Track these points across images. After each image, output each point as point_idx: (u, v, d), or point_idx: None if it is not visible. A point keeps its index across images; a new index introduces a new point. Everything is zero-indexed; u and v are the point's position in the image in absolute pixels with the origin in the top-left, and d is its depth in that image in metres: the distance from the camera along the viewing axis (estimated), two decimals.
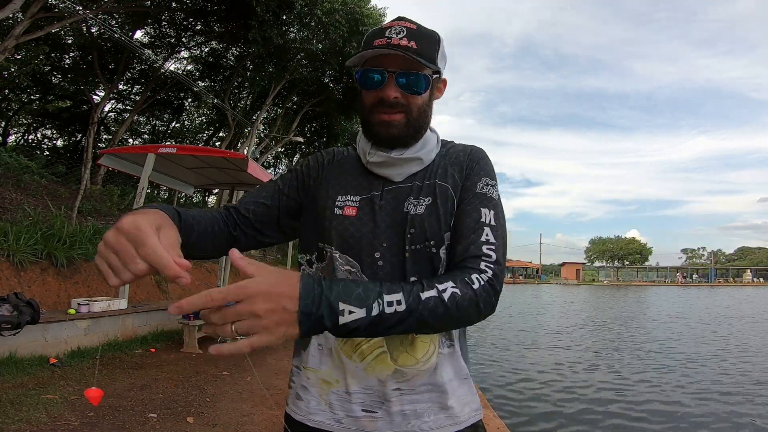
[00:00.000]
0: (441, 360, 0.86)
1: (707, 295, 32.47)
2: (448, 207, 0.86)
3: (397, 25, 0.85)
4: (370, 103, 0.87)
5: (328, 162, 0.98)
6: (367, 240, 0.85)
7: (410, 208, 0.86)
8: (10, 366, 4.07)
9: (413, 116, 0.87)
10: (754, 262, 70.14)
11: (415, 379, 0.85)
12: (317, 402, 0.88)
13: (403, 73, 0.83)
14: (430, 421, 0.85)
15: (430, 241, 0.84)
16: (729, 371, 7.12)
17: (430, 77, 0.86)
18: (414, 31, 0.85)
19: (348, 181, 0.92)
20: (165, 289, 8.63)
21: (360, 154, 0.94)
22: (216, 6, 12.63)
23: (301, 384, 0.91)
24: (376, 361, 0.84)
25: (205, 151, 7.43)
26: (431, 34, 0.87)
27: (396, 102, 0.85)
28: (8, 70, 10.32)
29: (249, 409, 3.68)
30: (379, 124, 0.87)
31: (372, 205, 0.88)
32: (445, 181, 0.88)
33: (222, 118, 18.35)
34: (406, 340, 0.84)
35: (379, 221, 0.86)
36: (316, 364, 0.89)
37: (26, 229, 6.14)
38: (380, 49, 0.83)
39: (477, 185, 0.88)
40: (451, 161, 0.92)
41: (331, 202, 0.90)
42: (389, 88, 0.84)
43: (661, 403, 5.45)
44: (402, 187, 0.89)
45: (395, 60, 0.83)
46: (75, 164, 12.07)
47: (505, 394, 5.78)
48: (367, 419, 0.84)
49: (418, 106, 0.87)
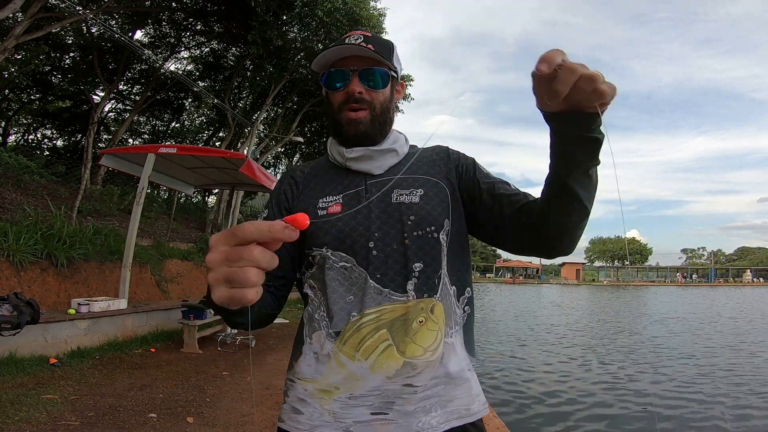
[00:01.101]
0: (447, 350, 0.87)
1: (706, 294, 32.47)
2: (442, 196, 0.91)
3: (355, 34, 0.94)
4: (337, 102, 0.93)
5: (301, 177, 1.00)
6: (358, 232, 0.87)
7: (402, 198, 0.90)
8: (10, 366, 4.07)
9: (377, 111, 0.93)
10: (754, 262, 70.09)
11: (424, 373, 0.84)
12: (320, 413, 0.85)
13: (365, 70, 0.91)
14: (442, 415, 0.85)
15: (431, 227, 0.88)
16: (740, 373, 7.12)
17: (388, 74, 0.93)
18: (369, 37, 0.94)
19: (326, 184, 0.96)
20: (165, 289, 8.63)
21: (335, 155, 0.98)
22: (216, 6, 12.64)
23: (297, 397, 0.89)
24: (383, 356, 0.82)
25: (205, 151, 7.44)
26: (386, 41, 0.97)
27: (360, 97, 0.91)
28: (8, 70, 10.32)
29: (249, 409, 3.68)
30: (348, 123, 0.92)
31: (358, 198, 0.91)
32: (433, 176, 0.94)
33: (222, 118, 18.35)
34: (411, 330, 0.83)
35: (368, 212, 0.88)
36: (312, 373, 0.87)
37: (26, 229, 6.14)
38: (342, 48, 0.91)
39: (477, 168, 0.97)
40: (433, 158, 0.98)
41: (312, 207, 0.92)
42: (353, 84, 0.91)
43: (661, 402, 5.45)
44: (384, 179, 0.93)
45: (356, 60, 0.91)
46: (75, 164, 12.06)
47: (505, 395, 5.77)
48: (378, 422, 0.82)
49: (380, 102, 0.93)
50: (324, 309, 0.87)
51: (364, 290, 0.85)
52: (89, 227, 7.68)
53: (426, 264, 0.87)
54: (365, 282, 0.85)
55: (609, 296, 30.00)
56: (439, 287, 0.87)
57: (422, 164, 0.96)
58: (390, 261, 0.86)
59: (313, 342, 0.88)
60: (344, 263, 0.86)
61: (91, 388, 3.90)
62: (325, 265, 0.87)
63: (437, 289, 0.87)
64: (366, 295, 0.84)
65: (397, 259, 0.86)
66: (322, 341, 0.86)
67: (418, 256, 0.86)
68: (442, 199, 0.91)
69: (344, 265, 0.86)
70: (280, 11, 11.55)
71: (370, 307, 0.84)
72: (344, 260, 0.87)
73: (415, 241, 0.86)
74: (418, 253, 0.86)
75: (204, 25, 14.18)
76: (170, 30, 14.51)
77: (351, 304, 0.85)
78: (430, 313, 0.85)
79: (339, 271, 0.87)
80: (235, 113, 15.98)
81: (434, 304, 0.86)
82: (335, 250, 0.87)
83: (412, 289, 0.85)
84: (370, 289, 0.85)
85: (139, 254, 7.82)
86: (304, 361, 0.89)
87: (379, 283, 0.85)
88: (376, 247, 0.86)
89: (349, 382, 0.83)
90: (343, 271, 0.86)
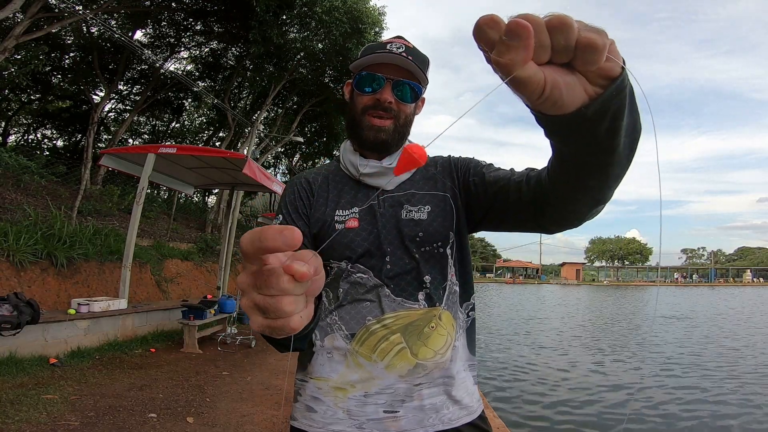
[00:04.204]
0: (454, 353, 0.92)
1: (707, 294, 32.47)
2: (448, 211, 0.95)
3: (397, 42, 0.94)
4: (363, 105, 0.94)
5: (315, 184, 1.00)
6: (375, 246, 0.91)
7: (411, 214, 0.93)
8: (10, 366, 4.07)
9: (400, 123, 0.95)
10: (754, 262, 70.08)
11: (432, 373, 0.89)
12: (333, 411, 0.89)
13: (399, 81, 0.92)
14: (449, 413, 0.90)
15: (438, 242, 0.92)
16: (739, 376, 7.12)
17: (419, 91, 0.95)
18: (411, 49, 0.94)
19: (341, 195, 0.97)
20: (165, 289, 8.63)
21: (348, 167, 0.99)
22: (216, 6, 12.64)
23: (310, 395, 0.92)
24: (397, 358, 0.87)
25: (205, 151, 7.43)
26: (423, 55, 0.97)
27: (389, 107, 0.92)
28: (8, 70, 10.32)
29: (249, 409, 3.68)
30: (369, 128, 0.93)
31: (373, 213, 0.93)
32: (440, 191, 0.97)
33: (222, 118, 18.33)
34: (423, 334, 0.88)
35: (382, 228, 0.92)
36: (326, 372, 0.91)
37: (26, 229, 6.14)
38: (384, 55, 0.90)
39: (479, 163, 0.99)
40: (438, 171, 1.00)
41: (330, 220, 0.93)
42: (386, 92, 0.92)
43: (662, 403, 5.45)
44: (396, 195, 0.95)
45: (393, 69, 0.92)
46: (75, 164, 12.04)
47: (505, 395, 5.77)
48: (390, 420, 0.87)
49: (405, 115, 0.95)
50: (336, 314, 0.91)
51: (379, 298, 0.90)
52: (89, 227, 7.69)
53: (433, 276, 0.92)
54: (381, 291, 0.90)
55: (609, 296, 29.99)
56: (444, 296, 0.93)
57: (429, 178, 0.99)
58: (402, 273, 0.91)
59: (325, 344, 0.92)
60: (361, 274, 0.91)
61: (91, 388, 3.90)
62: (342, 275, 0.92)
63: (443, 299, 0.93)
64: (382, 302, 0.90)
65: (410, 272, 0.91)
66: (337, 343, 0.90)
67: (427, 269, 0.91)
68: (449, 213, 0.94)
69: (361, 276, 0.91)
70: (279, 11, 11.55)
71: (387, 313, 0.89)
72: (362, 272, 0.91)
73: (424, 256, 0.92)
74: (426, 266, 0.91)
75: (204, 25, 14.17)
76: (170, 30, 14.50)
77: (367, 309, 0.90)
78: (439, 320, 0.91)
79: (356, 280, 0.91)
80: (235, 113, 15.97)
81: (442, 312, 0.92)
82: (354, 263, 0.91)
83: (423, 298, 0.91)
84: (385, 298, 0.90)
85: (139, 254, 7.83)
86: (317, 360, 0.92)
87: (393, 293, 0.90)
88: (390, 261, 0.91)
89: (365, 381, 0.88)
90: (359, 280, 0.91)
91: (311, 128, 21.50)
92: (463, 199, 0.96)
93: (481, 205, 0.93)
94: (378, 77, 0.91)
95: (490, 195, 0.90)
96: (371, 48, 0.95)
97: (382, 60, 0.91)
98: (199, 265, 10.71)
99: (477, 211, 0.95)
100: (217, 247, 11.23)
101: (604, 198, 0.66)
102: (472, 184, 0.94)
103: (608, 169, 0.57)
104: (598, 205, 0.69)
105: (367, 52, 0.94)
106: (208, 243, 11.96)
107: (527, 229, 0.90)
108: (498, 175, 0.89)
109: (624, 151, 0.54)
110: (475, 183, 0.94)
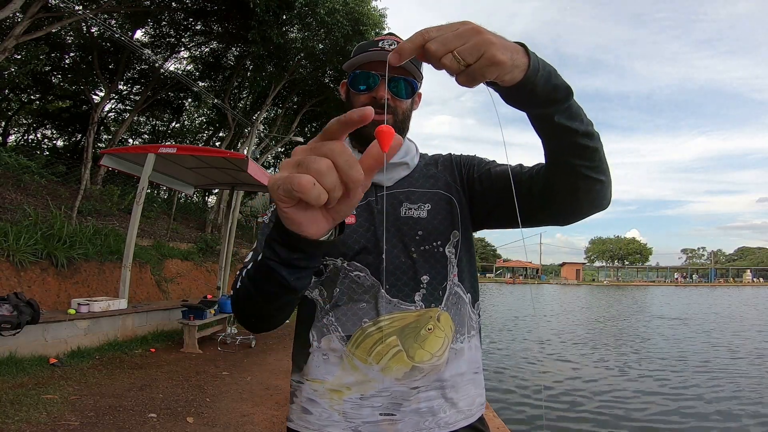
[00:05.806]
0: (452, 355, 0.90)
1: (706, 293, 32.46)
2: (449, 210, 0.94)
3: (389, 39, 0.94)
4: (360, 104, 0.92)
5: None
6: (372, 243, 0.90)
7: (411, 212, 0.92)
8: (10, 366, 4.07)
9: (398, 119, 0.94)
10: (754, 262, 70.08)
11: (429, 375, 0.88)
12: (329, 413, 0.88)
13: (393, 77, 0.91)
14: (446, 416, 0.88)
15: (437, 241, 0.91)
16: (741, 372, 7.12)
17: (415, 86, 0.94)
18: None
19: None
20: (165, 289, 8.63)
21: None
22: (216, 6, 12.63)
23: (306, 397, 0.91)
24: (393, 361, 0.86)
25: (205, 151, 7.43)
26: None
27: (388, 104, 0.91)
28: (8, 70, 10.32)
29: (249, 409, 3.68)
30: (369, 125, 0.90)
31: (370, 209, 0.92)
32: (441, 189, 0.96)
33: (222, 118, 18.33)
34: (420, 337, 0.87)
35: (380, 224, 0.90)
36: (322, 374, 0.90)
37: (26, 229, 6.14)
38: (376, 53, 0.90)
39: (483, 160, 1.00)
40: (439, 169, 1.00)
41: None
42: (381, 90, 0.90)
43: (663, 402, 5.45)
44: (395, 192, 0.94)
45: (386, 66, 0.88)
46: (75, 164, 12.04)
47: (505, 395, 5.77)
48: (387, 423, 0.86)
49: (403, 110, 0.94)
50: (333, 315, 0.90)
51: (376, 299, 0.88)
52: (89, 227, 7.69)
53: (432, 276, 0.91)
54: (377, 291, 0.89)
55: (610, 296, 29.98)
56: (443, 297, 0.91)
57: (430, 176, 0.98)
58: (399, 273, 0.89)
59: (322, 345, 0.91)
60: (358, 272, 0.90)
61: (91, 388, 3.91)
62: (339, 274, 0.90)
63: (442, 300, 0.91)
64: (378, 303, 0.88)
65: (406, 272, 0.89)
66: (333, 345, 0.89)
67: (425, 269, 0.90)
68: (450, 212, 0.93)
69: (358, 274, 0.89)
70: (279, 11, 11.54)
71: (382, 315, 0.88)
72: (358, 270, 0.90)
73: (422, 255, 0.90)
74: (424, 266, 0.90)
75: (204, 25, 14.16)
76: (170, 30, 14.49)
77: (363, 310, 0.89)
78: (437, 321, 0.89)
79: (352, 279, 0.89)
80: (235, 113, 15.97)
81: (440, 314, 0.90)
82: (351, 260, 0.90)
83: (420, 299, 0.89)
84: (381, 299, 0.88)
85: (139, 254, 7.83)
86: (313, 362, 0.91)
87: (389, 293, 0.89)
88: (387, 258, 0.89)
89: (361, 384, 0.87)
90: (356, 279, 0.89)
91: (311, 128, 21.50)
92: (468, 197, 0.96)
93: (487, 201, 0.93)
94: (372, 75, 0.91)
95: (498, 189, 0.90)
96: (363, 47, 0.94)
97: (375, 58, 0.91)
98: (199, 265, 10.72)
99: (483, 208, 0.95)
100: (217, 247, 11.23)
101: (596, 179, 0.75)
102: (478, 181, 0.94)
103: (574, 137, 0.69)
104: (595, 185, 0.76)
105: (359, 50, 0.94)
106: (208, 243, 11.96)
107: (536, 222, 0.90)
108: (505, 170, 0.90)
109: (574, 112, 0.68)
110: (481, 179, 0.94)
